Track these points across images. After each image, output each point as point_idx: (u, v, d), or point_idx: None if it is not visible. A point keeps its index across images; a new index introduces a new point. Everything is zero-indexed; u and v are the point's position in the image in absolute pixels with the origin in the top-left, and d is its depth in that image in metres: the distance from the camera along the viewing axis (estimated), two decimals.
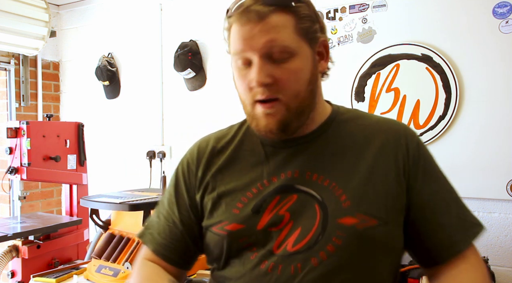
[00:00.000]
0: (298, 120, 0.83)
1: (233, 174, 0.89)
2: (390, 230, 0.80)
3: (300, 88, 0.81)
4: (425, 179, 0.84)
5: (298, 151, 0.86)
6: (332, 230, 0.78)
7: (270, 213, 0.82)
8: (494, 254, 1.85)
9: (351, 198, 0.79)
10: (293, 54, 0.79)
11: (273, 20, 0.78)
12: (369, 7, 2.09)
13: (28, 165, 2.11)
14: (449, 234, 0.83)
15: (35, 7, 2.71)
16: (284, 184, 0.83)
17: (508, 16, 1.81)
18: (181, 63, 2.52)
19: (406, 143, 0.85)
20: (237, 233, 0.83)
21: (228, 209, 0.85)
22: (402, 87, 2.01)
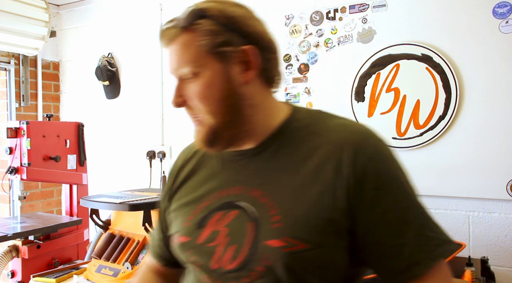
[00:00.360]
0: (225, 135, 0.81)
1: (192, 185, 0.90)
2: (326, 254, 0.74)
3: (213, 106, 0.79)
4: (374, 199, 0.74)
5: (246, 164, 0.84)
6: (261, 251, 0.75)
7: (210, 228, 0.81)
8: (494, 254, 1.85)
9: (283, 219, 0.75)
10: (198, 73, 0.78)
11: (180, 41, 0.80)
12: (369, 7, 2.09)
13: (28, 165, 2.11)
14: (405, 257, 0.74)
15: (35, 7, 2.71)
16: (227, 200, 0.82)
17: (508, 16, 1.81)
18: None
19: (354, 157, 0.75)
20: (185, 245, 0.84)
21: (182, 221, 0.87)
22: (402, 87, 2.01)
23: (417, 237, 0.74)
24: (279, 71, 0.86)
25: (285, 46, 2.30)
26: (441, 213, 1.96)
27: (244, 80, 0.79)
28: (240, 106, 0.80)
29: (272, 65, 0.83)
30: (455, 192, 1.92)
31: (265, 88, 0.83)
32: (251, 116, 0.81)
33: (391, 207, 0.74)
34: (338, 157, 0.75)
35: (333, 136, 0.78)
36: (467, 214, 1.92)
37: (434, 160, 1.95)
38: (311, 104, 2.23)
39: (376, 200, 0.74)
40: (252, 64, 0.79)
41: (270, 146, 0.82)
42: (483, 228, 1.89)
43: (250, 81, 0.80)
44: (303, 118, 0.84)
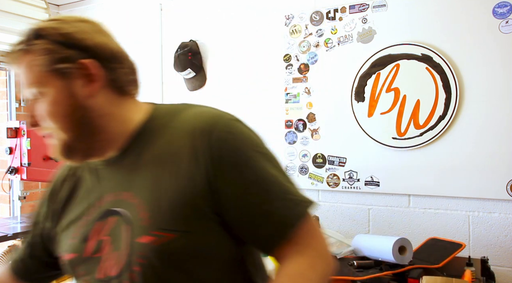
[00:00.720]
0: (80, 147, 0.83)
1: (75, 203, 0.91)
2: (195, 239, 0.77)
3: (60, 122, 0.80)
4: (233, 176, 0.78)
5: (113, 171, 0.86)
6: (135, 250, 0.77)
7: (94, 239, 0.83)
8: (494, 254, 1.85)
9: (149, 216, 0.77)
10: (43, 92, 0.79)
11: (21, 63, 0.80)
12: (369, 7, 2.09)
13: (28, 165, 2.11)
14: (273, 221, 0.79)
15: (35, 7, 2.71)
16: (105, 208, 0.84)
17: (508, 16, 1.81)
18: (181, 63, 2.52)
19: (207, 141, 0.78)
20: (73, 261, 0.85)
21: (67, 239, 0.88)
22: (402, 87, 2.01)
23: (279, 201, 0.79)
24: (132, 79, 0.88)
25: (285, 46, 2.30)
26: (441, 213, 1.96)
27: (89, 93, 0.80)
28: (89, 119, 0.81)
29: (120, 74, 0.84)
30: (455, 192, 1.92)
31: (117, 96, 0.84)
32: (104, 126, 0.83)
33: (251, 180, 0.78)
34: (192, 145, 0.79)
35: (186, 126, 0.81)
36: (467, 214, 1.92)
37: (434, 160, 1.95)
38: (311, 104, 2.23)
39: (236, 177, 0.78)
40: (94, 77, 0.80)
41: (131, 148, 0.84)
42: (483, 228, 1.89)
43: (96, 93, 0.81)
44: (163, 116, 0.87)
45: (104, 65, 0.81)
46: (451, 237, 1.91)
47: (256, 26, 2.42)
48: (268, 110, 2.38)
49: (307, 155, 2.25)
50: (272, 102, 2.36)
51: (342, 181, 2.16)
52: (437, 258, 1.73)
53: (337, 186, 2.17)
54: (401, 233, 2.02)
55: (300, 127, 2.27)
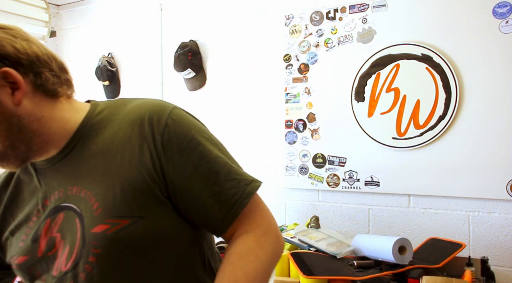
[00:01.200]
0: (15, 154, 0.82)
1: (18, 206, 0.90)
2: (150, 224, 0.79)
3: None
4: (180, 160, 0.81)
5: (57, 169, 0.86)
6: (89, 241, 0.78)
7: (45, 237, 0.83)
8: (494, 254, 1.85)
9: (102, 205, 0.79)
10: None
11: None
12: (369, 7, 2.09)
13: None
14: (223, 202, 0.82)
15: (35, 7, 2.71)
16: (53, 205, 0.84)
17: (508, 16, 1.81)
18: (181, 63, 2.52)
19: (151, 129, 0.81)
20: (24, 264, 0.85)
21: (17, 243, 0.87)
22: (402, 87, 2.01)
23: (228, 182, 0.83)
24: (63, 79, 0.86)
25: (285, 46, 2.30)
26: (441, 213, 1.96)
27: (16, 101, 0.79)
28: (21, 126, 0.80)
29: (47, 77, 0.83)
30: (455, 192, 1.92)
31: (49, 99, 0.83)
32: (38, 130, 0.82)
33: (198, 163, 0.82)
34: (138, 133, 0.81)
35: (132, 116, 0.84)
36: (467, 214, 1.92)
37: (434, 160, 1.95)
38: (311, 104, 2.23)
39: (183, 161, 0.81)
40: (17, 85, 0.78)
41: (73, 145, 0.85)
42: (483, 228, 1.89)
43: (22, 100, 0.79)
44: (103, 111, 0.89)
45: (27, 71, 0.79)
46: (451, 237, 1.91)
47: (256, 26, 2.42)
48: (268, 110, 2.38)
49: (307, 155, 2.25)
50: (272, 102, 2.36)
51: (342, 181, 2.16)
52: (437, 258, 1.73)
53: (337, 186, 2.17)
54: (401, 233, 2.03)
55: (300, 127, 2.27)
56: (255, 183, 0.86)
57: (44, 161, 0.87)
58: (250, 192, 0.84)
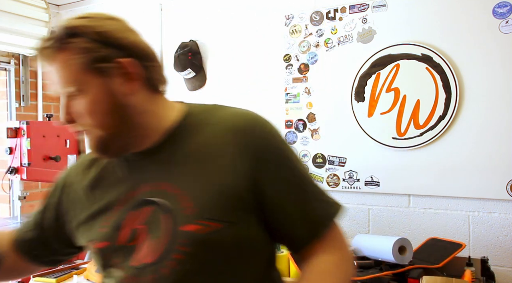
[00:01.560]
0: (117, 143, 0.84)
1: (100, 192, 0.91)
2: (239, 231, 0.81)
3: (100, 120, 0.81)
4: (275, 175, 0.83)
5: (148, 163, 0.87)
6: (177, 238, 0.79)
7: (128, 227, 0.84)
8: (494, 254, 1.85)
9: (196, 205, 0.80)
10: (81, 90, 0.80)
11: (57, 61, 0.80)
12: (369, 7, 2.09)
13: (28, 165, 2.11)
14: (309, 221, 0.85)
15: (35, 7, 2.71)
16: (140, 198, 0.85)
17: (508, 16, 1.81)
18: (181, 63, 2.52)
19: (251, 140, 0.83)
20: (104, 250, 0.86)
21: (96, 228, 0.88)
22: (402, 87, 2.01)
23: (315, 202, 0.87)
24: (162, 76, 0.90)
25: (285, 46, 2.30)
26: (441, 213, 1.96)
27: (128, 91, 0.82)
28: (127, 117, 0.83)
29: (154, 72, 0.86)
30: (455, 192, 1.92)
31: (152, 94, 0.87)
32: (141, 123, 0.85)
33: (290, 180, 0.85)
34: (237, 142, 0.83)
35: (227, 124, 0.85)
36: (467, 214, 1.92)
37: (434, 160, 1.95)
38: (311, 104, 2.23)
39: (276, 176, 0.83)
40: (133, 76, 0.82)
41: (168, 142, 0.86)
42: (483, 228, 1.89)
43: (135, 92, 0.83)
44: (198, 114, 0.90)
45: (140, 63, 0.83)
46: (451, 237, 1.91)
47: (256, 26, 2.42)
48: (268, 110, 2.37)
49: (307, 155, 2.25)
50: (272, 102, 2.36)
51: (342, 181, 2.16)
52: (437, 258, 1.73)
53: (337, 186, 2.17)
54: (401, 233, 2.02)
55: (300, 127, 2.27)
56: (340, 207, 0.89)
57: (134, 154, 0.88)
58: (334, 214, 0.87)
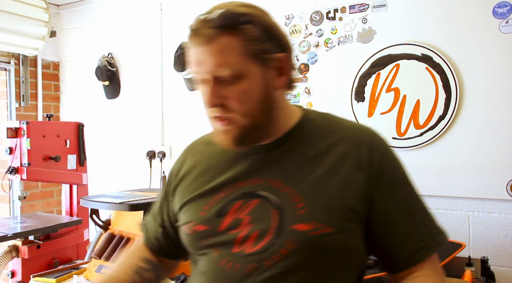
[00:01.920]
0: (254, 135, 0.86)
1: (205, 178, 0.93)
2: (347, 238, 0.82)
3: (251, 108, 0.83)
4: (389, 192, 0.85)
5: (263, 158, 0.89)
6: (286, 235, 0.80)
7: (231, 216, 0.86)
8: (494, 254, 1.85)
9: (308, 206, 0.82)
10: (241, 76, 0.80)
11: (220, 43, 0.79)
12: (369, 7, 2.09)
13: (28, 165, 2.11)
14: (413, 243, 0.85)
15: (35, 7, 2.71)
16: (247, 190, 0.87)
17: (508, 16, 1.81)
18: (181, 63, 2.52)
19: (370, 154, 0.85)
20: (202, 233, 0.88)
21: (197, 211, 0.90)
22: (402, 87, 2.01)
23: (422, 226, 0.87)
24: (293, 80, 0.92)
25: None
26: (441, 213, 1.96)
27: (278, 85, 0.85)
28: (271, 109, 0.86)
29: (293, 69, 0.89)
30: (455, 192, 1.92)
31: (286, 91, 0.90)
32: (276, 118, 0.88)
33: (402, 200, 0.86)
34: (356, 153, 0.85)
35: (349, 135, 0.88)
36: (467, 214, 1.92)
37: (434, 160, 1.95)
38: (311, 104, 2.23)
39: (390, 193, 0.85)
40: (284, 71, 0.85)
41: (286, 142, 0.89)
42: (483, 228, 1.89)
43: (281, 86, 0.86)
44: (315, 119, 0.93)
45: (290, 60, 0.87)
46: (451, 237, 1.90)
47: None
48: None
49: None
50: None
51: None
52: None
53: None
54: None
55: None
56: (445, 236, 0.89)
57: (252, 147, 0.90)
58: (440, 242, 0.87)
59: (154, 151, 2.74)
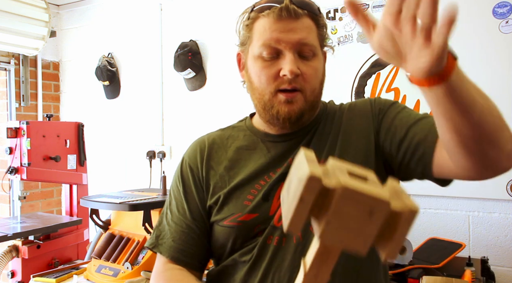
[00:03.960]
0: (310, 113, 0.93)
1: (238, 170, 0.94)
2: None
3: (316, 85, 0.92)
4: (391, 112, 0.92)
5: (296, 142, 0.94)
6: None
7: (278, 199, 0.87)
8: (494, 254, 1.85)
9: None
10: (316, 54, 0.91)
11: (305, 22, 0.89)
12: (369, 7, 2.09)
13: (28, 165, 2.11)
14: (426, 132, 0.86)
15: (35, 7, 2.71)
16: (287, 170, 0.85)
17: (508, 16, 1.81)
18: (181, 63, 2.52)
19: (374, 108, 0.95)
20: (252, 222, 0.88)
21: (239, 202, 0.90)
22: (402, 87, 2.01)
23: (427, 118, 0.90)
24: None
25: None
26: (441, 213, 1.96)
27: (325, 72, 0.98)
28: (321, 93, 0.98)
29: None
30: (455, 192, 1.92)
31: None
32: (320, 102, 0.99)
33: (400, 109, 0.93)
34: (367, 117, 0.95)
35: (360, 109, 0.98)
36: (467, 214, 1.92)
37: None
38: None
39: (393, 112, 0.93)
40: (325, 60, 0.99)
41: (316, 126, 0.96)
42: (483, 228, 1.89)
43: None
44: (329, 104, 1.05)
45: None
46: (451, 237, 1.91)
47: None
48: None
49: None
50: None
51: None
52: (437, 258, 1.73)
53: None
54: None
55: None
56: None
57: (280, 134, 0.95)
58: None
59: (154, 151, 2.74)
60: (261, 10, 0.89)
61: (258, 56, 0.90)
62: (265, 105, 0.90)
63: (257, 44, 0.89)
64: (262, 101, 0.91)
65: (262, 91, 0.90)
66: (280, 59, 0.88)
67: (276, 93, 0.89)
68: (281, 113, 0.89)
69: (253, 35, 0.91)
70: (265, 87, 0.89)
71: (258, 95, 0.91)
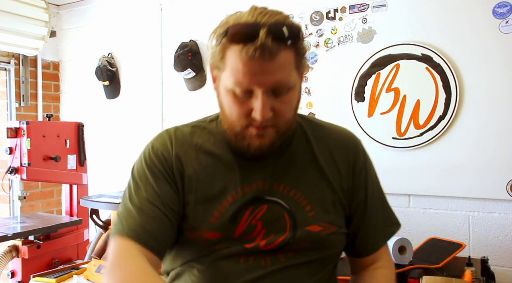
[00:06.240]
0: (282, 139, 0.90)
1: (206, 177, 0.90)
2: (344, 235, 0.95)
3: (290, 115, 0.87)
4: (365, 189, 0.98)
5: (267, 162, 0.92)
6: (301, 235, 0.88)
7: (244, 223, 0.88)
8: (494, 254, 1.85)
9: (315, 209, 0.91)
10: (291, 88, 0.84)
11: (281, 58, 0.79)
12: (369, 7, 2.09)
13: (28, 165, 2.11)
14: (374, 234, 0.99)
15: (35, 7, 2.71)
16: (255, 195, 0.90)
17: (508, 16, 1.81)
18: (181, 63, 2.52)
19: (356, 158, 0.98)
20: (215, 241, 0.88)
21: (206, 217, 0.88)
22: (402, 87, 2.01)
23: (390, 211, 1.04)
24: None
25: None
26: (441, 213, 1.96)
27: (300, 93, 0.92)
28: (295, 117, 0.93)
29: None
30: (455, 192, 1.92)
31: None
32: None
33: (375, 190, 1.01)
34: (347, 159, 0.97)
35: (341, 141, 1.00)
36: (467, 214, 1.92)
37: (434, 160, 1.95)
38: (311, 104, 2.23)
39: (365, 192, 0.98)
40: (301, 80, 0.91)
41: (288, 147, 0.94)
42: (483, 228, 1.89)
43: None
44: (302, 124, 0.98)
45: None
46: (451, 237, 1.91)
47: None
48: None
49: None
50: None
51: None
52: (437, 258, 1.73)
53: None
54: (401, 233, 2.01)
55: None
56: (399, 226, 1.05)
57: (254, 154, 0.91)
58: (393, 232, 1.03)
59: None
60: (233, 40, 0.81)
61: (231, 91, 0.83)
62: (236, 135, 0.87)
63: (229, 79, 0.82)
64: (233, 131, 0.87)
65: (233, 123, 0.86)
66: (252, 98, 0.82)
67: (247, 126, 0.85)
68: (252, 146, 0.86)
69: (226, 66, 0.83)
70: (236, 120, 0.85)
71: (229, 125, 0.87)
